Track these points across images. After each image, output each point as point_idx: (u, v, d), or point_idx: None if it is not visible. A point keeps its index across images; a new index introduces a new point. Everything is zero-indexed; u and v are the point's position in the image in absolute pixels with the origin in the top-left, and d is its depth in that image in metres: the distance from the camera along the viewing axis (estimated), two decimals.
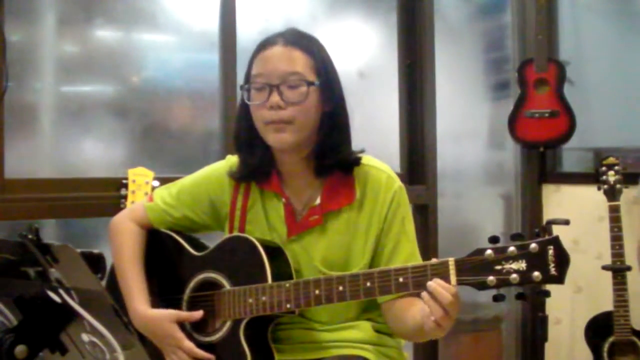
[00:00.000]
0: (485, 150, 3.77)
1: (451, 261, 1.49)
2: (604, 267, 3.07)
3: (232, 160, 1.84)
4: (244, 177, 1.78)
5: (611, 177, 3.09)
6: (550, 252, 1.44)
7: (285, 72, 1.67)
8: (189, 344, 1.70)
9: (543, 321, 3.32)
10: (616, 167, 3.10)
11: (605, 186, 3.10)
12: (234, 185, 1.81)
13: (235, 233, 1.79)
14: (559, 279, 1.45)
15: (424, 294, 1.49)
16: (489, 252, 1.46)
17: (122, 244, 1.84)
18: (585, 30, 3.72)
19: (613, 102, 3.61)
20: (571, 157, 3.70)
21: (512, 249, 1.45)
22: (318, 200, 1.74)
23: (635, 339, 3.00)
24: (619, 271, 3.01)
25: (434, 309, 1.48)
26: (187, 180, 1.89)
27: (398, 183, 1.77)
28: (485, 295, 1.48)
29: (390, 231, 1.74)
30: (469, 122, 3.70)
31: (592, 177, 3.18)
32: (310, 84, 1.68)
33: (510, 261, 1.45)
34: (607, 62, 3.63)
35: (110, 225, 1.90)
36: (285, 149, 1.71)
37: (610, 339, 3.03)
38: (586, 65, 3.64)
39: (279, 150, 1.74)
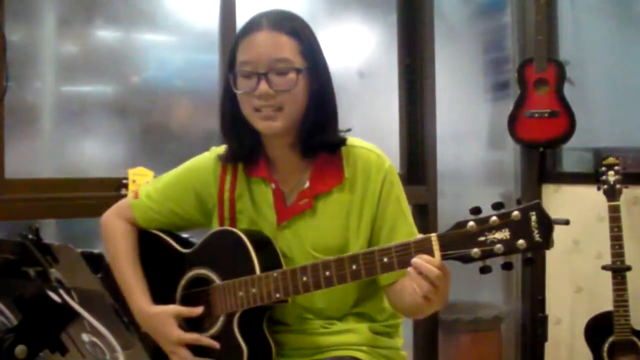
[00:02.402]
0: (485, 150, 3.77)
1: (434, 236, 1.48)
2: (604, 267, 3.06)
3: (217, 151, 1.83)
4: (231, 160, 1.77)
5: (611, 177, 3.09)
6: (533, 218, 1.41)
7: (273, 59, 1.63)
8: (192, 335, 1.71)
9: (543, 321, 3.32)
10: (616, 167, 3.10)
11: (605, 186, 3.10)
12: (219, 176, 1.79)
13: (221, 227, 1.78)
14: (545, 245, 1.41)
15: (410, 270, 1.48)
16: (471, 223, 1.44)
17: (116, 243, 1.83)
18: (585, 30, 3.72)
19: (613, 102, 3.61)
20: (571, 157, 3.69)
21: (494, 218, 1.43)
22: (307, 184, 1.72)
23: (635, 339, 3.00)
24: (619, 271, 3.01)
25: (421, 285, 1.47)
26: (172, 174, 1.87)
27: (388, 162, 1.75)
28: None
29: (386, 211, 1.72)
30: (469, 122, 3.70)
31: (592, 177, 3.18)
32: (298, 70, 1.65)
33: (494, 231, 1.43)
34: (607, 62, 3.63)
35: (101, 223, 1.88)
36: (276, 134, 1.69)
37: (610, 339, 3.03)
38: (586, 65, 3.64)
39: (268, 136, 1.72)
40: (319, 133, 1.69)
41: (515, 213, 1.41)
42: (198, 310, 1.72)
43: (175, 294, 1.78)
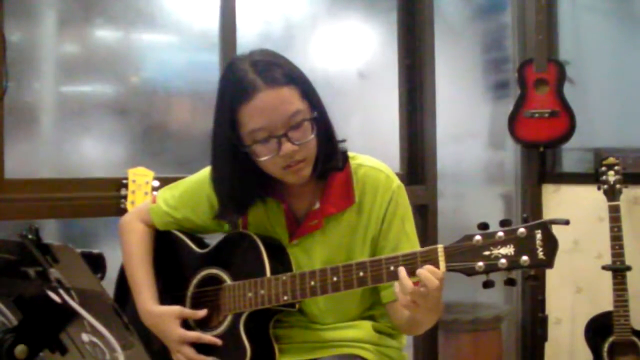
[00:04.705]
0: (485, 150, 3.77)
1: (440, 248, 1.51)
2: (604, 267, 3.07)
3: None
4: (247, 209, 1.76)
5: (611, 177, 3.09)
6: (539, 236, 1.44)
7: (287, 118, 1.60)
8: (195, 334, 1.73)
9: (543, 321, 3.31)
10: (616, 167, 3.10)
11: (605, 186, 3.10)
12: None
13: (236, 230, 1.81)
14: (548, 263, 1.45)
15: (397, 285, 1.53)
16: (477, 237, 1.47)
17: (131, 243, 1.87)
18: (585, 30, 3.71)
19: (613, 102, 3.61)
20: (571, 157, 3.69)
21: (500, 234, 1.46)
22: (317, 205, 1.74)
23: (635, 339, 3.00)
24: (619, 271, 3.01)
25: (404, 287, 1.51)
26: (189, 181, 1.90)
27: (396, 182, 1.76)
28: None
29: (389, 232, 1.73)
30: (469, 122, 3.70)
31: (592, 177, 3.18)
32: (310, 118, 1.63)
33: (499, 246, 1.46)
34: (607, 62, 3.63)
35: (120, 224, 1.93)
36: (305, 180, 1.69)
37: (610, 339, 3.03)
38: (586, 65, 3.64)
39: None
40: (329, 159, 1.70)
41: (521, 230, 1.45)
42: (201, 312, 1.75)
43: (187, 291, 1.82)
